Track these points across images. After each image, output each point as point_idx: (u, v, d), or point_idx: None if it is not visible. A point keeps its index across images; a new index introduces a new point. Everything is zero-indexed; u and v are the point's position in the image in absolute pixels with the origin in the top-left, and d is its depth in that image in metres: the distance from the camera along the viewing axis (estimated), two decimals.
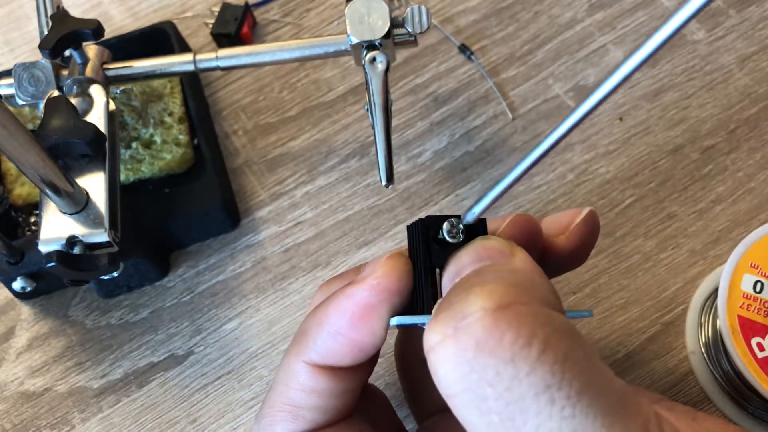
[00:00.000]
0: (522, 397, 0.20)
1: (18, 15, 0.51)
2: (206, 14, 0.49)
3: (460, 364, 0.20)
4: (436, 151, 0.44)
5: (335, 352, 0.26)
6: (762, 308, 0.34)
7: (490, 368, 0.20)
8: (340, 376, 0.27)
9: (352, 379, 0.27)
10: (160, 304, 0.42)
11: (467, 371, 0.20)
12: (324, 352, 0.26)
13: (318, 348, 0.26)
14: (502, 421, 0.20)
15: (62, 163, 0.36)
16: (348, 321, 0.25)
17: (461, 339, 0.21)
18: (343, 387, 0.27)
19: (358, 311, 0.25)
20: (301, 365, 0.27)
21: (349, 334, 0.25)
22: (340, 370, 0.27)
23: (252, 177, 0.44)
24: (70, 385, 0.40)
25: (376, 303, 0.25)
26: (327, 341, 0.26)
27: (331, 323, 0.26)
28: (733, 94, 0.44)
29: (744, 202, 0.41)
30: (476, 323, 0.20)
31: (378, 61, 0.37)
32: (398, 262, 0.26)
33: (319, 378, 0.26)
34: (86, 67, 0.40)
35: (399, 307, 0.26)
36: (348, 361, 0.26)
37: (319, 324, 0.26)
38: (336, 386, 0.27)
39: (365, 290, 0.25)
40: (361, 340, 0.26)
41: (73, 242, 0.35)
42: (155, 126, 0.43)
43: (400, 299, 0.26)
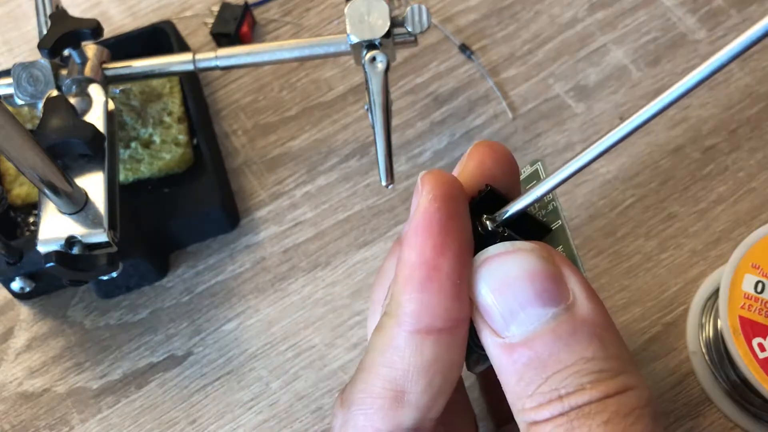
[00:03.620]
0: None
1: (17, 14, 0.51)
2: (205, 14, 0.49)
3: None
4: (436, 151, 0.44)
5: (437, 303, 0.22)
6: (763, 308, 0.34)
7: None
8: (447, 342, 0.22)
9: (455, 345, 0.23)
10: (159, 304, 0.42)
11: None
12: (426, 308, 0.22)
13: (419, 306, 0.22)
14: None
15: (61, 163, 0.36)
16: (430, 250, 0.21)
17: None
18: (449, 358, 0.22)
19: (432, 233, 0.21)
20: (404, 336, 0.22)
21: (436, 263, 0.21)
22: (448, 332, 0.22)
23: (251, 177, 0.44)
24: (69, 385, 0.40)
25: (451, 212, 0.22)
26: (424, 292, 0.22)
27: (412, 266, 0.22)
28: (734, 94, 0.44)
29: (745, 202, 0.41)
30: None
31: (378, 61, 0.37)
32: (439, 174, 0.22)
33: (424, 347, 0.22)
34: (85, 67, 0.39)
35: (468, 237, 0.22)
36: (457, 311, 0.22)
37: (401, 277, 0.22)
38: (443, 356, 0.22)
39: (424, 211, 0.21)
40: (453, 269, 0.21)
41: (72, 242, 0.35)
42: (154, 126, 0.43)
43: (464, 208, 0.22)
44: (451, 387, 0.24)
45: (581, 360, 0.20)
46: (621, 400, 0.20)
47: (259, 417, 0.39)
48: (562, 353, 0.20)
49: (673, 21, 0.46)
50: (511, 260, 0.21)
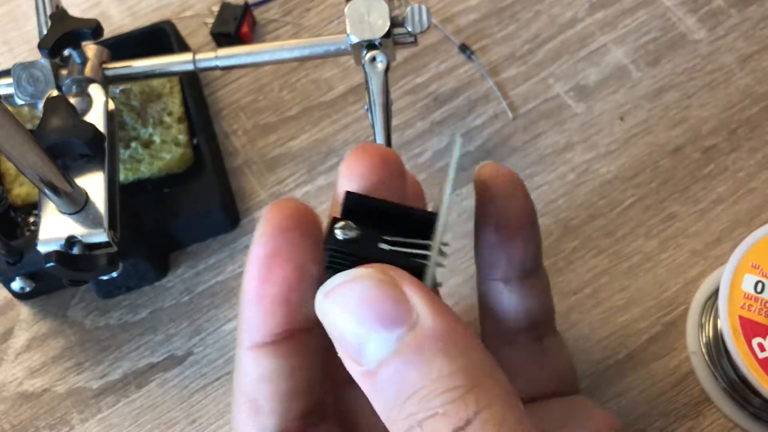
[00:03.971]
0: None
1: (17, 14, 0.51)
2: (206, 14, 0.49)
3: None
4: (436, 151, 0.44)
5: (264, 320, 0.24)
6: (763, 308, 0.34)
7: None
8: (282, 352, 0.25)
9: (295, 354, 0.25)
10: (159, 304, 0.42)
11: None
12: (254, 327, 0.24)
13: (248, 326, 0.24)
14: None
15: (61, 163, 0.36)
16: (257, 279, 0.24)
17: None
18: (289, 365, 0.25)
19: (260, 264, 0.23)
20: (244, 354, 0.25)
21: (265, 290, 0.24)
22: (281, 344, 0.25)
23: (251, 177, 0.44)
24: (69, 385, 0.40)
25: (274, 248, 0.23)
26: (252, 313, 0.24)
27: (247, 292, 0.24)
28: (734, 94, 0.44)
29: (745, 203, 0.41)
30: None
31: (378, 61, 0.37)
32: (276, 206, 0.24)
33: (261, 360, 0.24)
34: (85, 67, 0.39)
35: (308, 247, 0.24)
36: (282, 324, 0.24)
37: (241, 303, 0.25)
38: (281, 365, 0.25)
39: (256, 244, 0.24)
40: (280, 294, 0.24)
41: (72, 242, 0.35)
42: (154, 126, 0.43)
43: (300, 237, 0.24)
44: (304, 389, 0.25)
45: (428, 380, 0.20)
46: (477, 428, 0.20)
47: None
48: (411, 375, 0.20)
49: (673, 21, 0.46)
50: (349, 289, 0.21)
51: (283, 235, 0.23)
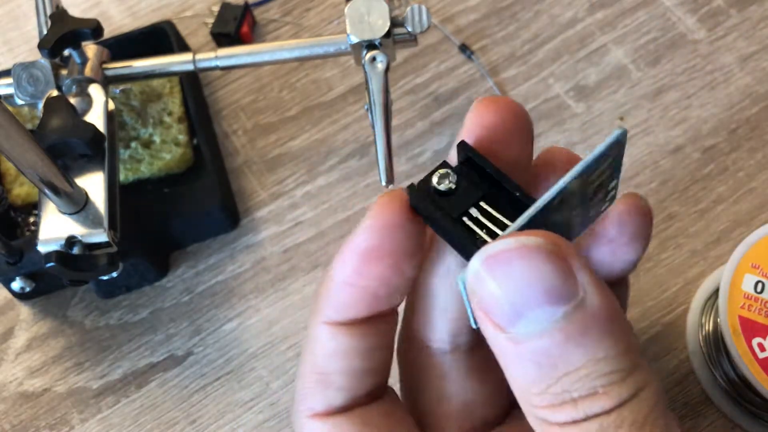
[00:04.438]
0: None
1: (17, 14, 0.51)
2: (206, 14, 0.49)
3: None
4: (436, 151, 0.44)
5: (350, 305, 0.24)
6: (763, 308, 0.34)
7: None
8: (363, 331, 0.25)
9: (374, 334, 0.25)
10: (159, 304, 0.42)
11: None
12: (338, 307, 0.25)
13: (332, 304, 0.25)
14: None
15: (61, 163, 0.36)
16: (352, 268, 0.24)
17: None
18: (366, 344, 0.25)
19: (359, 256, 0.24)
20: (321, 327, 0.25)
21: (359, 281, 0.24)
22: (361, 324, 0.25)
23: (252, 177, 0.44)
24: (69, 385, 0.40)
25: (376, 244, 0.24)
26: (339, 295, 0.25)
27: (338, 275, 0.24)
28: (734, 94, 0.44)
29: (745, 202, 0.41)
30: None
31: (378, 61, 0.37)
32: (389, 198, 0.24)
33: (339, 336, 0.25)
34: (85, 67, 0.39)
35: (408, 246, 0.24)
36: (365, 311, 0.25)
37: (329, 278, 0.25)
38: (359, 343, 0.25)
39: (361, 234, 0.24)
40: (372, 286, 0.24)
41: (73, 242, 0.35)
42: (154, 126, 0.43)
43: (404, 236, 0.24)
44: (375, 369, 0.26)
45: (592, 361, 0.20)
46: (635, 407, 0.20)
47: (259, 417, 0.39)
48: (572, 354, 0.20)
49: (673, 21, 0.46)
50: (516, 258, 0.20)
51: (387, 231, 0.23)
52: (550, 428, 0.20)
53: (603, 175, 0.22)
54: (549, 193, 0.21)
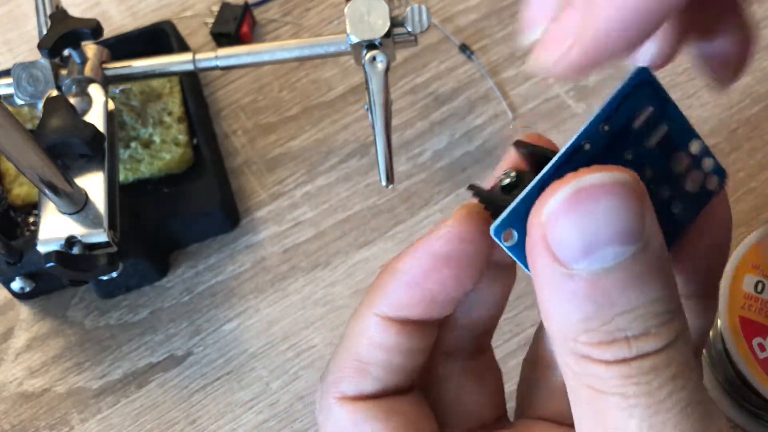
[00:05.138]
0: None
1: (16, 14, 0.51)
2: (206, 14, 0.49)
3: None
4: (436, 151, 0.44)
5: (407, 304, 0.25)
6: (763, 309, 0.34)
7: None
8: (410, 331, 0.26)
9: (420, 337, 0.26)
10: (159, 304, 0.42)
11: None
12: (396, 303, 0.25)
13: (390, 299, 0.25)
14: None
15: (61, 163, 0.36)
16: (422, 269, 0.25)
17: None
18: (411, 344, 0.26)
19: (432, 259, 0.25)
20: (373, 318, 0.26)
21: (424, 283, 0.25)
22: (411, 324, 0.26)
23: (251, 177, 0.44)
24: (69, 385, 0.40)
25: (450, 251, 0.24)
26: (400, 291, 0.25)
27: (404, 272, 0.25)
28: (734, 94, 0.44)
29: (745, 203, 0.41)
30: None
31: (378, 61, 0.37)
32: (468, 210, 0.24)
33: (389, 331, 0.26)
34: (85, 67, 0.39)
35: (475, 261, 0.25)
36: (419, 314, 0.25)
37: (392, 273, 0.25)
38: (405, 342, 0.26)
39: (438, 239, 0.24)
40: (434, 291, 0.25)
41: (72, 242, 0.35)
42: (154, 126, 0.43)
43: (474, 251, 0.24)
44: (412, 368, 0.26)
45: (649, 301, 0.20)
46: (681, 347, 0.20)
47: (259, 417, 0.39)
48: (632, 293, 0.20)
49: None
50: (604, 194, 0.20)
51: (462, 241, 0.24)
52: (593, 365, 0.20)
53: (651, 127, 0.22)
54: (573, 138, 0.21)
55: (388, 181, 0.35)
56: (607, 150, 0.22)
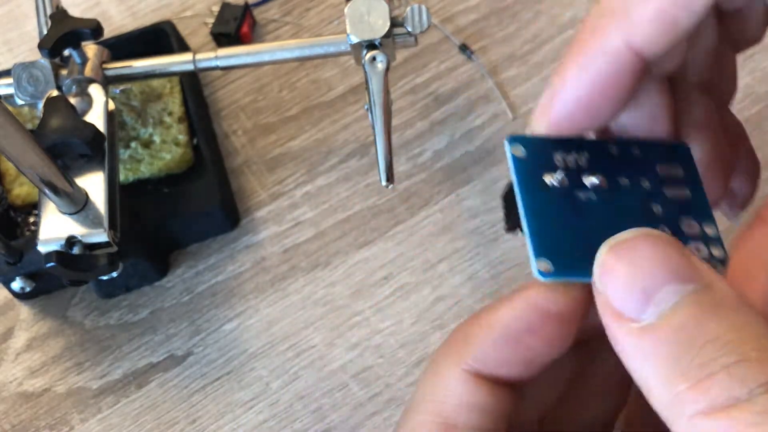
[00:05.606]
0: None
1: (17, 14, 0.51)
2: (206, 14, 0.49)
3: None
4: (436, 151, 0.44)
5: (503, 360, 0.23)
6: None
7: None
8: (502, 392, 0.23)
9: (509, 400, 0.24)
10: (159, 304, 0.42)
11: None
12: (490, 360, 0.23)
13: (483, 354, 0.23)
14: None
15: (61, 163, 0.36)
16: (525, 323, 0.23)
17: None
18: (501, 406, 0.23)
19: (536, 312, 0.22)
20: (461, 374, 0.23)
21: (527, 339, 0.23)
22: (502, 385, 0.24)
23: (251, 177, 0.44)
24: (69, 385, 0.40)
25: (561, 310, 0.22)
26: (496, 346, 0.23)
27: (504, 325, 0.23)
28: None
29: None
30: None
31: (378, 61, 0.37)
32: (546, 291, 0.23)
33: (481, 389, 0.23)
34: (85, 67, 0.39)
35: (578, 318, 0.23)
36: (515, 374, 0.23)
37: (488, 326, 0.23)
38: (496, 403, 0.23)
39: (548, 296, 0.22)
40: (537, 349, 0.23)
41: (73, 242, 0.35)
42: (154, 126, 0.43)
43: (578, 306, 0.23)
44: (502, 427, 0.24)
45: (734, 328, 0.19)
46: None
47: (259, 417, 0.39)
48: (710, 324, 0.19)
49: None
50: (642, 243, 0.20)
51: (572, 304, 0.23)
52: (709, 420, 0.18)
53: (673, 182, 0.24)
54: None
55: (388, 181, 0.35)
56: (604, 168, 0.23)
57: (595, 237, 0.21)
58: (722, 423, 0.18)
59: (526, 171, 0.24)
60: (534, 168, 0.23)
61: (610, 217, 0.23)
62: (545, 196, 0.23)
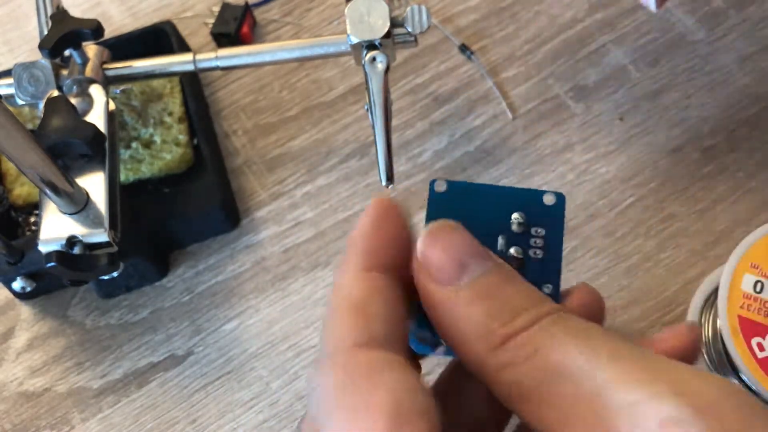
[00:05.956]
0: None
1: (17, 15, 0.51)
2: (206, 14, 0.49)
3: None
4: (436, 151, 0.44)
5: (379, 251, 0.27)
6: (762, 308, 0.34)
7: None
8: (392, 276, 0.27)
9: (400, 282, 0.27)
10: (159, 304, 0.42)
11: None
12: (371, 253, 0.27)
13: (366, 253, 0.27)
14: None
15: (62, 163, 0.36)
16: (373, 218, 0.27)
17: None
18: (397, 285, 0.27)
19: (374, 214, 0.27)
20: (356, 275, 0.26)
21: (378, 225, 0.27)
22: (391, 271, 0.27)
23: (252, 177, 0.44)
24: (69, 385, 0.40)
25: (382, 212, 0.27)
26: (368, 243, 0.27)
27: (362, 230, 0.27)
28: (733, 94, 0.44)
29: (744, 202, 0.41)
30: None
31: (378, 61, 0.37)
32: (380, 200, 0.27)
33: (374, 277, 0.26)
34: (86, 67, 0.39)
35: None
36: (393, 258, 0.27)
37: (356, 238, 0.27)
38: (391, 282, 0.27)
39: (366, 212, 0.27)
40: (391, 230, 0.27)
41: (73, 242, 0.36)
42: (155, 126, 0.43)
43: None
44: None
45: (518, 293, 0.25)
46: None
47: (259, 416, 0.39)
48: (507, 286, 0.25)
49: (673, 21, 0.46)
50: (449, 228, 0.26)
51: (391, 207, 0.27)
52: (503, 349, 0.24)
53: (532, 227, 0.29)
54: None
55: (388, 181, 0.36)
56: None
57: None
58: (524, 336, 0.24)
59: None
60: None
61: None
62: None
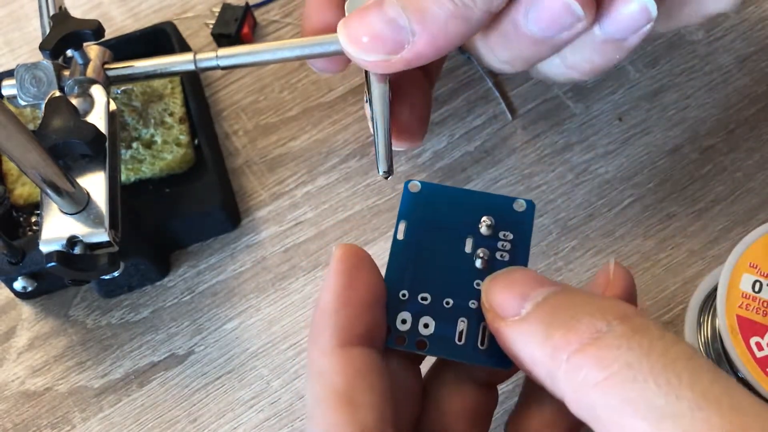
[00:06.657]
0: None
1: (18, 15, 0.51)
2: (207, 15, 0.49)
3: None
4: (436, 151, 0.44)
5: (351, 323, 0.27)
6: (761, 308, 0.34)
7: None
8: (373, 352, 0.27)
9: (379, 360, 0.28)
10: (160, 303, 0.42)
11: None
12: (342, 327, 0.27)
13: (336, 327, 0.27)
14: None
15: (63, 164, 0.36)
16: (341, 287, 0.27)
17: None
18: (380, 363, 0.27)
19: (341, 276, 0.28)
20: (332, 353, 0.26)
21: (346, 296, 0.27)
22: (369, 346, 0.27)
23: (252, 177, 0.45)
24: (70, 384, 0.40)
25: (350, 266, 0.28)
26: (338, 317, 0.27)
27: (328, 300, 0.27)
28: (732, 95, 0.44)
29: (743, 202, 0.41)
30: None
31: None
32: (345, 246, 0.29)
33: (354, 357, 0.27)
34: (87, 68, 0.40)
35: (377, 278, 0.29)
36: (367, 327, 0.27)
37: (323, 311, 0.27)
38: (373, 361, 0.27)
39: (332, 266, 0.28)
40: (361, 298, 0.28)
41: (74, 242, 0.36)
42: (156, 126, 0.43)
43: (371, 267, 0.29)
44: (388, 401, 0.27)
45: (588, 303, 0.25)
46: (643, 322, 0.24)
47: (260, 416, 0.39)
48: (572, 303, 0.25)
49: None
50: (512, 270, 0.28)
51: (358, 260, 0.28)
52: (584, 354, 0.23)
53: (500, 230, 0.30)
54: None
55: (387, 172, 0.35)
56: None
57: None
58: (592, 353, 0.23)
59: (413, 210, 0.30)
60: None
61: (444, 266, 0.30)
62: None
